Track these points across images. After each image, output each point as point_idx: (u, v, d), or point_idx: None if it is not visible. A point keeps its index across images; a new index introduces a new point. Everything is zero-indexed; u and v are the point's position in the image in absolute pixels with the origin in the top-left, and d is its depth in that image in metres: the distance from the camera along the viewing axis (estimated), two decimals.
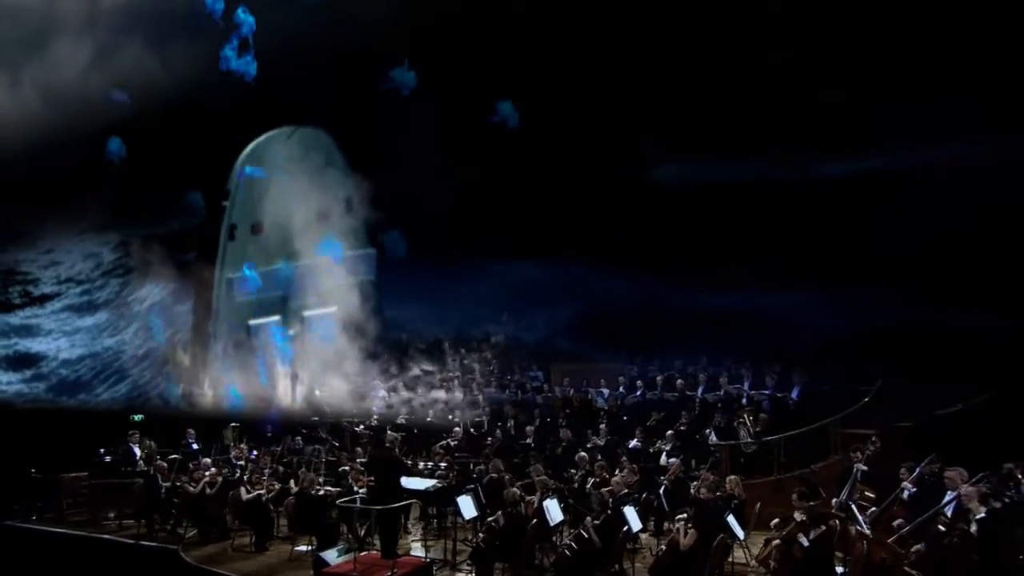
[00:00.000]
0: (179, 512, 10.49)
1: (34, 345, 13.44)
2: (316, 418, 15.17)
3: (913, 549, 6.52)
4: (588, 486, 9.89)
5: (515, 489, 8.09)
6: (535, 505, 8.20)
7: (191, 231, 13.76)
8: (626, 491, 8.38)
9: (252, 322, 14.76)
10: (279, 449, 12.92)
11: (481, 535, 8.01)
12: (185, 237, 13.61)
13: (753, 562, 7.97)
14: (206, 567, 8.99)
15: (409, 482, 8.76)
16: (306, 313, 14.65)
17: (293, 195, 13.89)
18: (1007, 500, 6.15)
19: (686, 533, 6.96)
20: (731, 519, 7.47)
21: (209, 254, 14.37)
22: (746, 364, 13.73)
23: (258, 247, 15.05)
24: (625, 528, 7.50)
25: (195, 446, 13.16)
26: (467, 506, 8.61)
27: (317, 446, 13.03)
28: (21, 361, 13.44)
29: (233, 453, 12.50)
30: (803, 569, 6.41)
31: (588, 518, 7.32)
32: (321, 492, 9.42)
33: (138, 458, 11.73)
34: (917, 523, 6.90)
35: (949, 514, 6.79)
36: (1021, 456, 7.98)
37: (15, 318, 13.31)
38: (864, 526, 6.98)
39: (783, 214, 10.10)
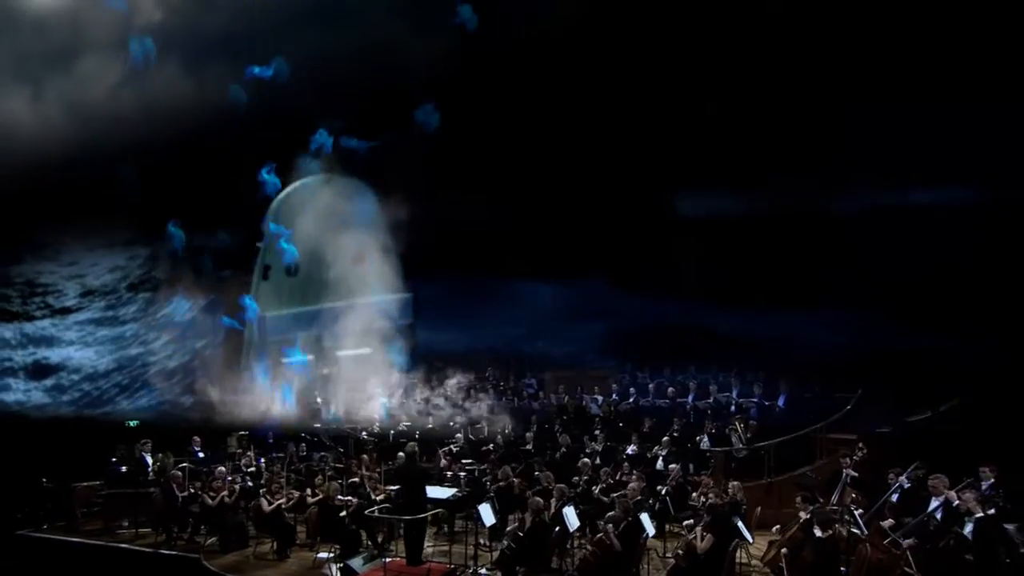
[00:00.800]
0: (196, 521, 10.68)
1: (54, 355, 13.38)
2: (318, 425, 15.46)
3: (904, 543, 7.25)
4: (596, 491, 10.47)
5: (539, 498, 8.54)
6: (552, 512, 8.68)
7: (225, 247, 13.86)
8: (639, 497, 8.94)
9: (285, 360, 15.07)
10: (287, 457, 13.13)
11: (506, 542, 8.47)
12: (218, 252, 13.71)
13: (758, 563, 8.61)
14: (230, 575, 9.24)
15: (432, 491, 9.14)
16: (340, 353, 14.92)
17: (328, 239, 14.22)
18: (999, 505, 6.87)
19: (703, 538, 7.54)
20: (740, 523, 8.10)
21: (244, 267, 14.49)
22: (733, 373, 14.59)
23: (294, 287, 15.36)
24: (644, 534, 8.06)
25: (201, 454, 13.30)
26: (487, 514, 9.09)
27: (324, 453, 13.31)
28: (42, 371, 13.36)
29: (243, 461, 12.68)
30: (812, 571, 7.04)
31: (609, 524, 7.81)
32: (342, 501, 9.72)
33: (150, 467, 11.85)
34: (909, 526, 7.63)
35: (938, 517, 7.56)
36: (989, 458, 8.83)
37: (36, 328, 13.21)
38: (864, 529, 7.67)
39: (788, 244, 10.91)
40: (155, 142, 11.80)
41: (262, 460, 13.01)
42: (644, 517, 8.20)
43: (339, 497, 9.70)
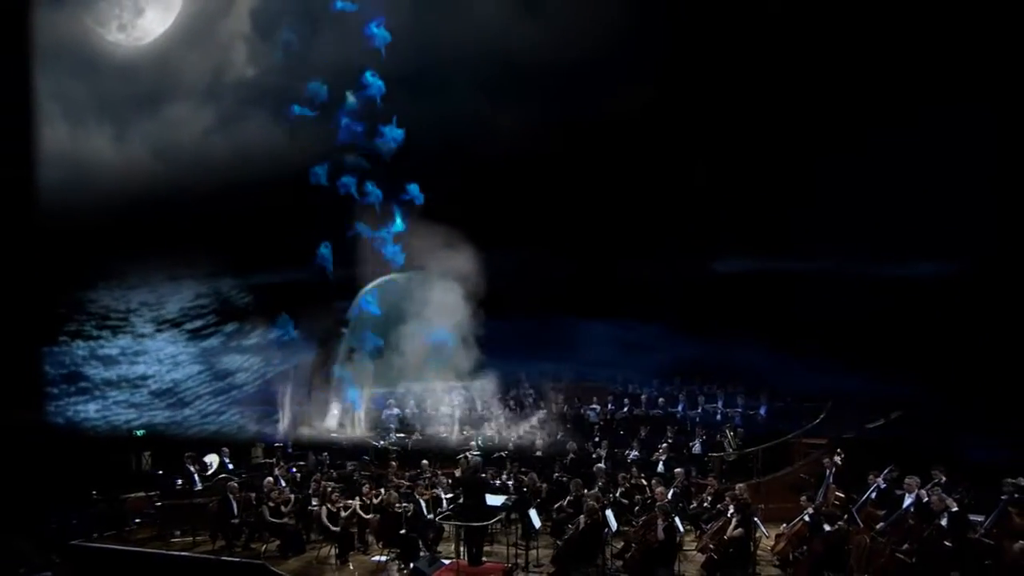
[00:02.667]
0: (252, 529, 11.43)
1: (133, 371, 13.67)
2: (334, 434, 16.28)
3: (879, 526, 9.02)
4: (618, 495, 11.92)
5: (592, 502, 9.87)
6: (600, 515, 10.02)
7: (310, 281, 14.47)
8: (668, 500, 10.43)
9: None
10: (320, 466, 13.95)
11: (559, 542, 9.78)
12: (302, 287, 14.29)
13: (765, 553, 10.24)
14: None
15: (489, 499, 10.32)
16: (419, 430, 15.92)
17: (411, 328, 15.25)
18: (963, 502, 8.73)
19: (736, 527, 9.09)
20: (757, 519, 9.72)
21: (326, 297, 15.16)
22: (716, 385, 16.42)
23: (378, 369, 16.28)
24: (679, 532, 9.56)
25: (230, 465, 13.93)
26: (535, 518, 10.40)
27: (354, 462, 14.23)
28: (122, 386, 13.61)
29: (277, 471, 13.41)
30: (823, 559, 8.71)
31: (659, 521, 9.24)
32: (401, 508, 10.75)
33: (196, 478, 12.45)
34: (890, 520, 9.43)
35: (913, 511, 9.38)
36: (937, 459, 10.84)
37: (116, 348, 13.48)
38: (860, 523, 9.42)
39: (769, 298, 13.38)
40: (241, 186, 12.39)
41: (294, 469, 13.81)
42: (676, 519, 9.69)
43: (398, 505, 10.72)
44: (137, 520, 11.95)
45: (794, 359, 12.75)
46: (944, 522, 8.39)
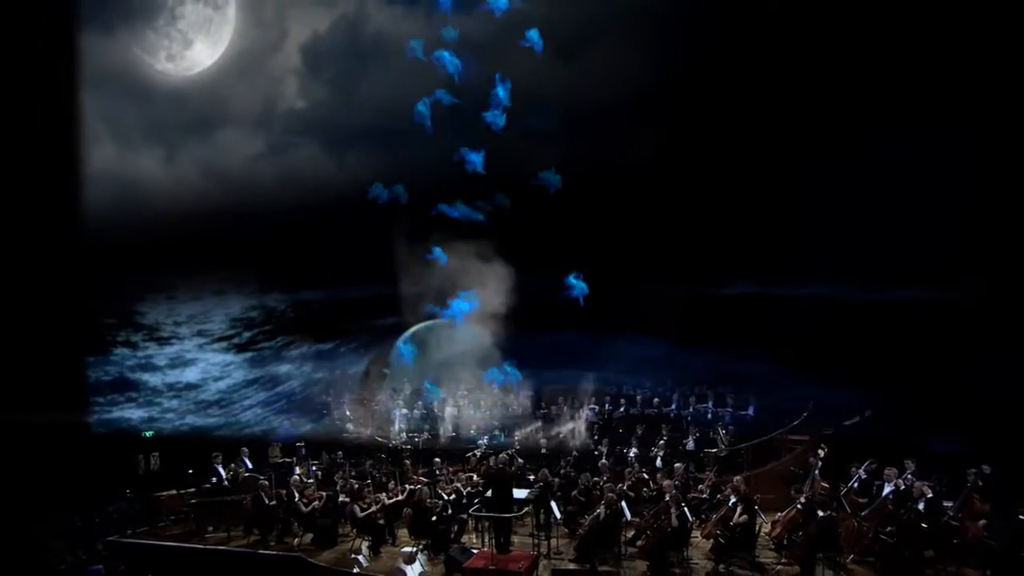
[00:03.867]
0: (285, 524, 12.11)
1: (185, 376, 14.11)
2: (346, 433, 16.97)
3: (863, 512, 10.27)
4: (625, 487, 12.94)
5: (612, 494, 10.85)
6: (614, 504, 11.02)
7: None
8: (676, 492, 11.48)
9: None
10: (335, 465, 14.66)
11: (581, 531, 10.75)
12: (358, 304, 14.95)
13: (762, 538, 11.37)
14: (342, 568, 10.85)
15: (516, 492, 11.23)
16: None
17: (451, 374, 16.37)
18: (939, 489, 10.00)
19: (740, 515, 10.20)
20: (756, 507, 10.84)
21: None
22: (706, 386, 17.63)
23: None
24: (689, 521, 10.63)
25: (249, 465, 14.53)
26: (556, 509, 11.36)
27: (371, 461, 14.96)
28: (169, 393, 14.05)
29: (299, 471, 14.06)
30: (816, 541, 9.86)
31: (672, 508, 10.29)
32: (431, 502, 11.58)
33: (224, 477, 13.05)
34: (874, 506, 10.67)
35: (892, 497, 10.63)
36: (907, 452, 12.18)
37: (173, 352, 13.90)
38: (848, 508, 10.62)
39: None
40: (290, 210, 13.04)
41: (314, 468, 14.49)
42: (685, 509, 10.75)
43: (429, 500, 11.55)
44: (172, 517, 12.50)
45: (784, 368, 14.22)
46: (921, 506, 9.63)
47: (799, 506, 10.77)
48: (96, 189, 12.92)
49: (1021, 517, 9.53)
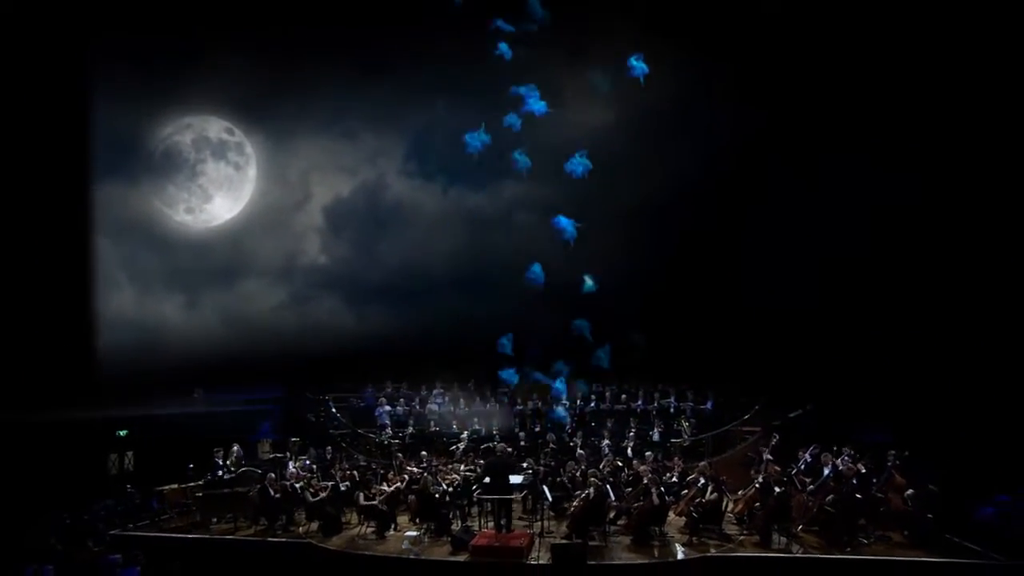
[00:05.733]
0: (291, 513, 12.87)
1: None
2: (333, 430, 17.71)
3: (809, 488, 12.10)
4: (606, 473, 14.32)
5: (596, 479, 12.16)
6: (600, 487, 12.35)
7: None
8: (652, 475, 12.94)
9: None
10: (325, 460, 15.47)
11: (573, 507, 12.03)
12: None
13: (729, 512, 12.96)
14: (354, 552, 11.69)
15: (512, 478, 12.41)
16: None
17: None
18: (869, 467, 11.88)
19: (711, 493, 11.75)
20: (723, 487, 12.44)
21: None
22: (668, 384, 19.32)
23: None
24: (668, 499, 12.12)
25: (243, 460, 15.13)
26: (548, 493, 12.63)
27: (360, 455, 15.86)
28: None
29: (296, 463, 14.78)
30: (773, 513, 11.50)
31: (653, 489, 11.71)
32: (434, 489, 12.60)
33: (227, 470, 13.67)
34: (818, 484, 12.43)
35: (832, 476, 12.43)
36: (843, 440, 14.15)
37: None
38: (798, 486, 12.34)
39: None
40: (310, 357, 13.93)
41: (308, 462, 15.23)
42: (662, 490, 12.22)
43: (432, 487, 12.58)
44: (176, 510, 13.04)
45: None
46: (855, 482, 11.45)
47: (757, 485, 12.43)
48: (114, 333, 13.60)
49: (931, 488, 11.52)
